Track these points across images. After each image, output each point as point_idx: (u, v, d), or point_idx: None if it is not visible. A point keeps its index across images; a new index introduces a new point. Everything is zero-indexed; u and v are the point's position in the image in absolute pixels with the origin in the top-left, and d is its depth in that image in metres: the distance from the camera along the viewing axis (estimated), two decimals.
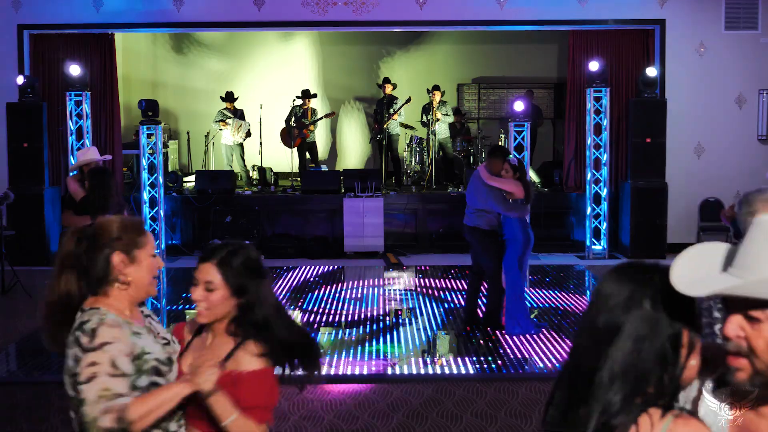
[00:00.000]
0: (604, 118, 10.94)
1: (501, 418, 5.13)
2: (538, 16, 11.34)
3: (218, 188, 11.31)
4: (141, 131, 11.10)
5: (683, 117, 11.22)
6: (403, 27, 12.20)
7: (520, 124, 10.98)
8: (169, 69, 14.55)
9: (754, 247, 1.42)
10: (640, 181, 10.73)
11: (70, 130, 11.03)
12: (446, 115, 12.58)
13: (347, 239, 10.95)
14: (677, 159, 11.13)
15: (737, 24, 11.29)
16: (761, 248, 1.40)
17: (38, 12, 11.27)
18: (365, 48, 14.59)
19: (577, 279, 9.75)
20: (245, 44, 14.45)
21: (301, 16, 11.39)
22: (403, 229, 11.44)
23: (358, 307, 8.13)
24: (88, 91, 11.07)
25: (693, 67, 11.35)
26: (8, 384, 5.94)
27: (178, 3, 11.32)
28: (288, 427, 4.99)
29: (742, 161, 11.34)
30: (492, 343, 6.74)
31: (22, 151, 10.70)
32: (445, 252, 11.08)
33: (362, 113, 14.87)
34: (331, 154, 14.84)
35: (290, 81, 13.65)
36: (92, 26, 11.39)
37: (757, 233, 1.42)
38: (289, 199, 11.60)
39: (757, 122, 11.39)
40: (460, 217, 7.48)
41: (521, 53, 14.24)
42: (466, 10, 11.32)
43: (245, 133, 12.60)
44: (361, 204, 10.95)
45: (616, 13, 11.24)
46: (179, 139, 14.28)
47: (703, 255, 1.53)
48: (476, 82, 14.52)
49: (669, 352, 1.53)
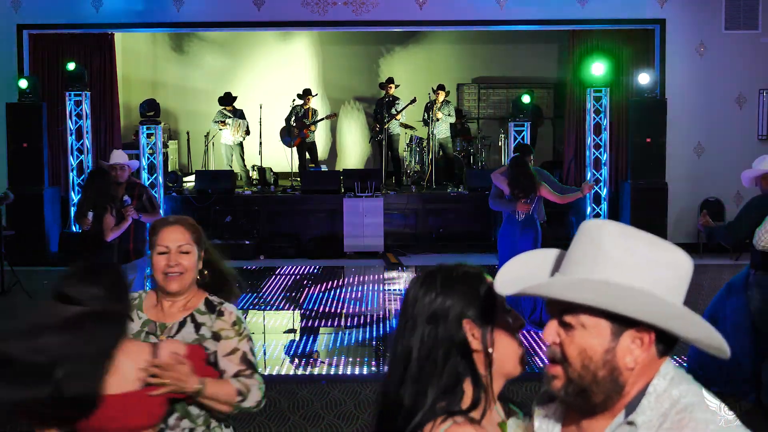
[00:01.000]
0: (604, 118, 10.94)
1: None
2: (538, 16, 11.34)
3: (218, 188, 11.30)
4: (141, 131, 11.09)
5: (683, 117, 11.21)
6: (402, 27, 12.20)
7: (520, 124, 10.97)
8: (169, 69, 14.54)
9: (576, 251, 1.36)
10: (640, 181, 10.73)
11: (69, 130, 11.02)
12: (448, 115, 12.56)
13: (347, 239, 10.94)
14: (677, 159, 11.12)
15: (737, 24, 11.29)
16: (582, 252, 1.34)
17: (38, 12, 11.26)
18: (365, 48, 14.59)
19: None
20: (245, 44, 14.45)
21: (301, 16, 11.39)
22: (403, 229, 11.44)
23: (358, 307, 8.13)
24: (87, 91, 11.08)
25: (693, 67, 11.35)
26: None
27: (178, 3, 11.32)
28: (288, 427, 4.99)
29: (742, 161, 11.27)
30: None
31: (21, 151, 10.70)
32: (445, 252, 11.07)
33: (362, 113, 14.86)
34: (331, 154, 14.83)
35: (290, 81, 13.65)
36: (92, 26, 11.38)
37: (581, 237, 1.36)
38: (289, 199, 11.59)
39: (757, 122, 11.39)
40: (460, 217, 7.52)
41: (521, 53, 14.23)
42: (466, 9, 11.32)
43: (244, 130, 12.59)
44: (361, 204, 10.95)
45: (616, 13, 11.23)
46: (179, 139, 14.28)
47: (538, 258, 1.49)
48: (476, 82, 14.51)
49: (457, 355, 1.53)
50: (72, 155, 11.10)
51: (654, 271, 1.29)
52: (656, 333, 1.31)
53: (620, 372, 1.31)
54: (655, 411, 1.30)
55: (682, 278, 1.32)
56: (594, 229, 1.34)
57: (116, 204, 6.37)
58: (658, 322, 1.28)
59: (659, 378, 1.33)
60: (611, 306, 1.28)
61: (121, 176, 6.56)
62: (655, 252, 1.30)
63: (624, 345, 1.31)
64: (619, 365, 1.31)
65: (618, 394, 1.33)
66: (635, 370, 1.32)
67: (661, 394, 1.31)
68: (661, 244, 1.32)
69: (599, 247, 1.31)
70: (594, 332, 1.31)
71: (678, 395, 1.30)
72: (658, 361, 1.34)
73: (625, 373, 1.32)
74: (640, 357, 1.31)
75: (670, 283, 1.30)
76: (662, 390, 1.31)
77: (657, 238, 1.33)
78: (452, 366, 1.53)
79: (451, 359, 1.53)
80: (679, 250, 1.32)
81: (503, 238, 7.10)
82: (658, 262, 1.30)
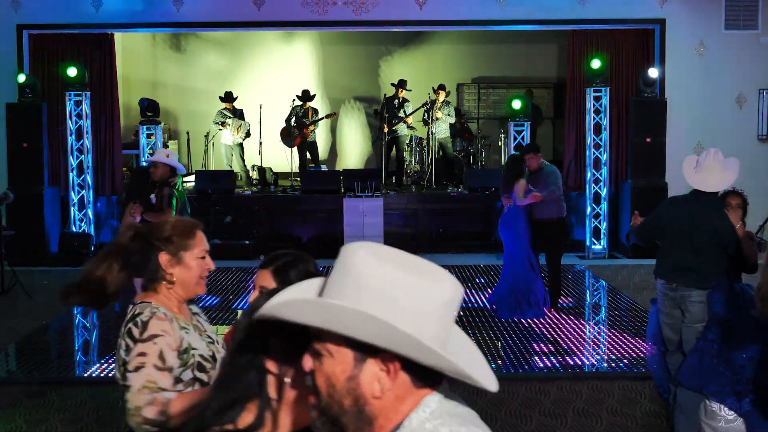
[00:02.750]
0: (604, 117, 10.94)
1: (501, 418, 5.12)
2: (538, 16, 11.34)
3: (218, 188, 11.29)
4: (141, 131, 11.09)
5: (683, 117, 11.21)
6: (402, 27, 12.20)
7: (519, 124, 10.97)
8: (168, 69, 14.54)
9: (331, 276, 1.28)
10: (640, 181, 10.73)
11: (69, 130, 11.02)
12: (449, 115, 12.55)
13: (347, 239, 10.93)
14: (677, 159, 11.09)
15: (737, 23, 11.28)
16: (334, 277, 1.27)
17: (38, 12, 11.26)
18: (365, 48, 14.59)
19: (577, 279, 9.73)
20: (245, 44, 14.45)
21: (301, 16, 11.39)
22: (403, 229, 11.43)
23: None
24: (87, 91, 11.07)
25: (693, 67, 11.35)
26: (8, 384, 5.93)
27: (178, 3, 11.32)
28: None
29: (742, 161, 11.18)
30: (492, 343, 6.74)
31: (21, 151, 10.70)
32: (445, 252, 11.07)
33: (362, 113, 14.86)
34: (331, 154, 14.83)
35: (290, 81, 13.64)
36: (92, 26, 11.38)
37: (337, 261, 1.28)
38: (289, 199, 11.59)
39: (757, 122, 11.39)
40: (459, 217, 7.61)
41: (521, 53, 14.23)
42: (466, 10, 11.32)
43: (245, 133, 12.59)
44: (361, 204, 10.94)
45: (616, 12, 11.23)
46: (179, 139, 14.28)
47: (315, 283, 1.38)
48: (476, 82, 14.51)
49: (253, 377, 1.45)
50: (72, 155, 11.10)
51: (400, 298, 1.21)
52: (405, 362, 1.23)
53: (366, 401, 1.25)
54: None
55: (435, 307, 1.23)
56: (347, 253, 1.26)
57: (141, 202, 6.37)
58: (396, 350, 1.21)
59: (418, 411, 1.25)
60: (344, 330, 1.22)
61: (153, 174, 6.52)
62: (407, 278, 1.22)
63: (369, 372, 1.24)
64: (364, 394, 1.24)
65: (369, 426, 1.26)
66: (384, 400, 1.25)
67: (416, 428, 1.23)
68: (419, 270, 1.24)
69: (348, 272, 1.24)
70: (338, 359, 1.25)
71: (431, 429, 1.22)
72: (417, 392, 1.26)
73: (371, 402, 1.25)
74: (387, 386, 1.24)
75: (418, 310, 1.21)
76: (417, 424, 1.24)
77: (421, 264, 1.26)
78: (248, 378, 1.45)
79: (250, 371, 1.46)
80: (442, 277, 1.25)
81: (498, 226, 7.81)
82: (406, 289, 1.21)
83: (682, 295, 4.74)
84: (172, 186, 6.51)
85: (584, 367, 6.17)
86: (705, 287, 4.59)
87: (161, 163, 6.49)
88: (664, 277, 4.87)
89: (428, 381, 1.27)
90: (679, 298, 4.76)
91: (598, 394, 5.49)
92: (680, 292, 4.75)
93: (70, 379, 5.91)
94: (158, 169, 6.49)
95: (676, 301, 4.79)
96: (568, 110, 11.86)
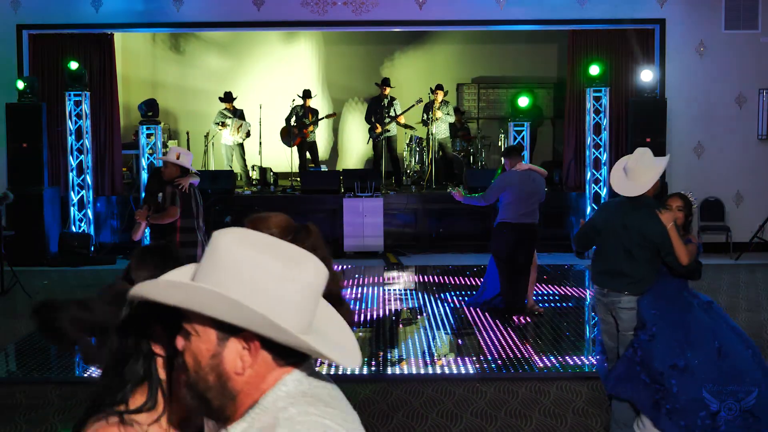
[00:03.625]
0: (604, 118, 10.95)
1: (501, 418, 5.12)
2: (538, 16, 11.35)
3: (218, 188, 11.29)
4: (140, 131, 11.09)
5: (683, 117, 11.21)
6: (402, 27, 12.20)
7: (519, 124, 10.96)
8: (168, 69, 14.53)
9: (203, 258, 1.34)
10: None
11: (69, 130, 11.02)
12: (447, 114, 12.56)
13: (347, 239, 10.94)
14: (677, 159, 11.12)
15: (737, 23, 11.29)
16: (204, 260, 1.33)
17: (38, 12, 11.27)
18: (366, 48, 14.59)
19: (577, 279, 9.74)
20: (245, 44, 14.44)
21: (301, 16, 11.39)
22: (403, 229, 11.44)
23: (358, 307, 8.13)
24: (87, 92, 11.08)
25: (693, 67, 11.35)
26: (8, 384, 5.93)
27: (178, 3, 11.32)
28: None
29: (742, 161, 11.34)
30: (492, 343, 6.75)
31: (21, 151, 10.71)
32: (445, 252, 11.07)
33: (363, 113, 14.85)
34: (331, 154, 14.83)
35: (291, 81, 13.64)
36: (91, 26, 11.39)
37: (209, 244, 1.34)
38: (289, 199, 11.60)
39: (757, 122, 11.39)
40: (459, 217, 7.57)
41: (521, 53, 14.23)
42: (466, 10, 11.32)
43: (245, 133, 12.59)
44: (361, 204, 10.95)
45: (616, 13, 11.24)
46: (179, 139, 14.26)
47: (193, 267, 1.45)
48: (476, 81, 14.51)
49: (141, 359, 1.52)
50: (72, 155, 11.10)
51: (260, 280, 1.26)
52: (265, 341, 1.28)
53: (228, 377, 1.30)
54: (255, 423, 1.28)
55: (296, 288, 1.28)
56: (214, 238, 1.33)
57: (151, 201, 6.37)
58: (251, 327, 1.26)
59: (274, 389, 1.31)
60: (200, 309, 1.27)
61: (164, 174, 6.51)
62: (267, 261, 1.27)
63: (232, 350, 1.29)
64: (227, 370, 1.30)
65: (231, 401, 1.32)
66: (246, 376, 1.30)
67: (268, 406, 1.29)
68: (282, 255, 1.29)
69: (211, 255, 1.30)
70: (203, 338, 1.31)
71: (282, 407, 1.28)
72: (278, 370, 1.32)
73: (234, 378, 1.30)
74: (248, 363, 1.29)
75: (276, 291, 1.26)
76: (270, 402, 1.29)
77: (286, 249, 1.30)
78: (136, 361, 1.51)
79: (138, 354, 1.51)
80: (306, 260, 1.30)
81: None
82: (266, 271, 1.26)
83: (612, 300, 4.59)
84: (177, 186, 6.49)
85: (584, 367, 6.17)
86: (635, 292, 4.49)
87: (171, 163, 6.51)
88: (596, 281, 4.75)
89: (290, 359, 1.32)
90: (610, 303, 4.61)
91: (597, 394, 5.49)
92: (611, 298, 4.60)
93: (70, 379, 5.91)
94: (168, 169, 6.51)
95: (608, 306, 4.65)
96: (568, 110, 11.86)
